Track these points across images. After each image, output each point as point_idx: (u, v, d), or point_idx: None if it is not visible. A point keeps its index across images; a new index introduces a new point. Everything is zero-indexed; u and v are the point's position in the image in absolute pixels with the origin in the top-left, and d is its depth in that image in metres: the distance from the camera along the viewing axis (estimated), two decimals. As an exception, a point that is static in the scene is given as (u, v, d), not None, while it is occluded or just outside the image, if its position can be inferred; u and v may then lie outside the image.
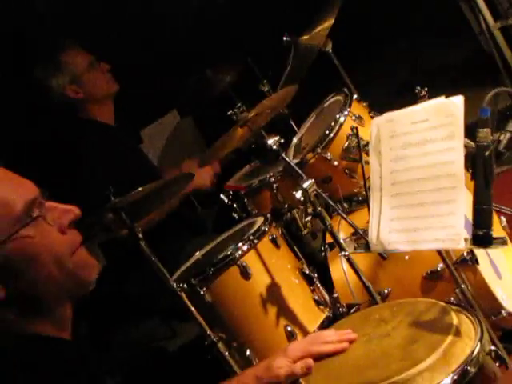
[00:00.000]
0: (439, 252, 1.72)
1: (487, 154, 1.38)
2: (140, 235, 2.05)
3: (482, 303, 1.89)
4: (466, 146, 1.55)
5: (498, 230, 2.22)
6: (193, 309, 2.06)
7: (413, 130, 1.59)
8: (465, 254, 2.00)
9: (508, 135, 2.17)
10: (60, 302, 1.27)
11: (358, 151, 2.32)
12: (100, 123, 2.98)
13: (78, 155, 2.86)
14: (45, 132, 3.35)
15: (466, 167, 1.51)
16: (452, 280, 1.83)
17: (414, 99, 1.88)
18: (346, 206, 2.64)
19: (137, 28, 4.02)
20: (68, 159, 2.89)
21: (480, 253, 2.04)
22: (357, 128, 2.07)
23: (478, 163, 1.39)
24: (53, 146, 3.12)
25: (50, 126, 3.26)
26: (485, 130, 1.39)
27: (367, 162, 1.71)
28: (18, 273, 1.18)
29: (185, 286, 2.11)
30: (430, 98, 1.67)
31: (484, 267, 2.04)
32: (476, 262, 2.00)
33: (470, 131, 1.48)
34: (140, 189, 2.02)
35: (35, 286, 1.20)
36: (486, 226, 1.39)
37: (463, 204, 1.46)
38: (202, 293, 2.15)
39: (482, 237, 1.39)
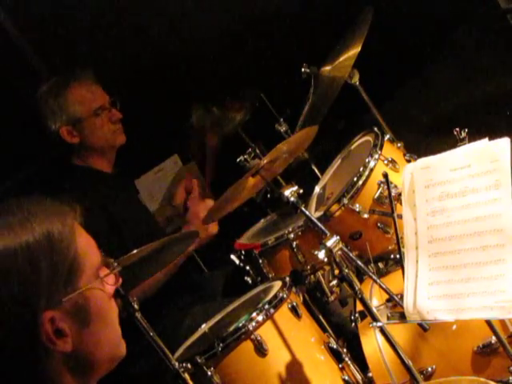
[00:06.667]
0: (488, 322, 1.75)
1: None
2: (135, 305, 2.11)
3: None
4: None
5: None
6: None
7: (452, 179, 1.65)
8: (524, 322, 2.01)
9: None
10: (99, 374, 1.37)
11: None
12: (94, 170, 3.02)
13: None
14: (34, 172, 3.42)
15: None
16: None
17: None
18: (381, 266, 2.69)
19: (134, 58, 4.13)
20: None
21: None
22: (387, 174, 2.09)
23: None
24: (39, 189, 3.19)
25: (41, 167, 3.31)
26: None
27: (401, 216, 1.77)
28: (85, 323, 1.30)
29: (189, 365, 2.16)
30: (471, 139, 1.72)
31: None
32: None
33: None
34: (135, 251, 2.08)
35: (96, 343, 1.33)
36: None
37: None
38: (209, 374, 2.19)
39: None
